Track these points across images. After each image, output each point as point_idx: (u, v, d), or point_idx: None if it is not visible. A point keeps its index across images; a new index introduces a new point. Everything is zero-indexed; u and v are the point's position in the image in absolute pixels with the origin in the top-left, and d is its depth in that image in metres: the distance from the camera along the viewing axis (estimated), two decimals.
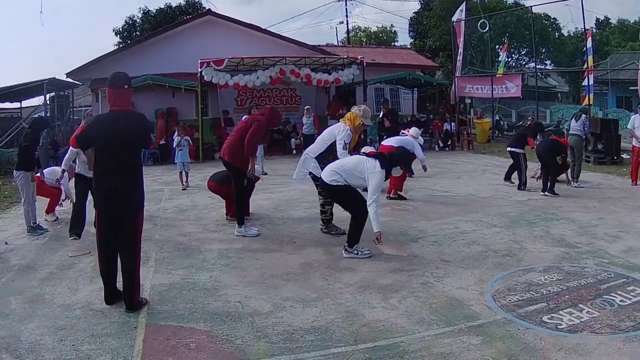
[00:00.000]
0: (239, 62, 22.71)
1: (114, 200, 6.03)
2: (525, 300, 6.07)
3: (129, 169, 6.08)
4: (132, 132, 6.01)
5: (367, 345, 4.99)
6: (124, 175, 6.02)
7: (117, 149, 5.97)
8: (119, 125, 5.94)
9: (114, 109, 6.08)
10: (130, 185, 6.07)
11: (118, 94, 6.04)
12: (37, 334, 5.46)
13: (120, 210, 6.07)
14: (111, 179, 5.97)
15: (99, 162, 6.15)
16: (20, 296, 6.63)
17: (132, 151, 6.14)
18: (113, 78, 6.14)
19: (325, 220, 9.34)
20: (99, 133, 6.07)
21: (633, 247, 8.27)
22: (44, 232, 10.08)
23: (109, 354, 4.98)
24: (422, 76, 30.41)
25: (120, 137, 5.93)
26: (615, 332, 5.20)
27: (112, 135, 5.93)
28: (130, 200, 6.06)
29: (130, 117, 6.14)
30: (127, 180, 6.04)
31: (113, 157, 6.01)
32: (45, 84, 23.82)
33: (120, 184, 5.98)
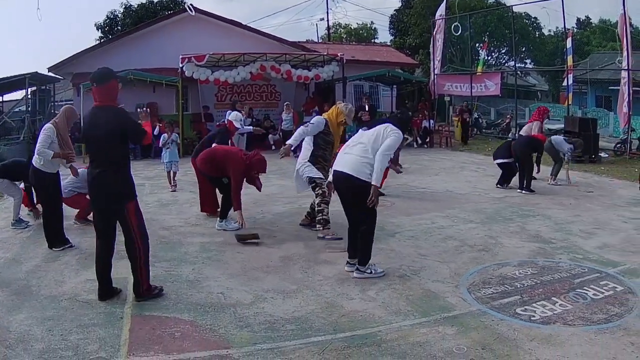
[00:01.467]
0: (219, 57, 22.73)
1: (97, 192, 6.20)
2: (500, 293, 6.27)
3: (109, 162, 6.12)
4: (109, 126, 6.02)
5: (346, 334, 5.17)
6: (104, 169, 6.10)
7: (96, 143, 6.15)
8: (98, 120, 6.07)
9: (96, 104, 6.17)
10: (111, 178, 6.11)
11: (99, 89, 6.09)
12: (25, 324, 5.57)
13: (104, 203, 6.21)
14: (94, 172, 6.12)
15: (89, 156, 6.40)
16: (7, 288, 6.72)
17: (111, 145, 6.11)
18: (94, 74, 6.19)
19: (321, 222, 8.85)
20: (84, 127, 6.47)
21: (607, 243, 8.50)
22: (26, 225, 10.13)
23: (97, 343, 5.11)
24: (402, 73, 30.53)
25: (99, 132, 6.03)
26: (588, 324, 5.41)
27: (92, 130, 6.12)
28: (111, 193, 6.13)
29: (109, 111, 6.14)
30: (108, 173, 6.10)
31: (94, 150, 6.25)
32: (27, 79, 23.62)
33: (100, 177, 6.09)
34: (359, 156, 6.87)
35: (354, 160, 6.89)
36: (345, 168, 6.91)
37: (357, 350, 4.87)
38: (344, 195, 7.19)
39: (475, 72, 29.58)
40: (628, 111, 21.09)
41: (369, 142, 6.94)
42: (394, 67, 31.42)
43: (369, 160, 6.79)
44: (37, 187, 9.03)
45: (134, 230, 6.27)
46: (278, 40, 29.49)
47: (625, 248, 8.19)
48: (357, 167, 6.79)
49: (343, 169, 6.94)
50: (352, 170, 6.81)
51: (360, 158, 6.84)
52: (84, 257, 7.94)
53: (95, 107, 6.17)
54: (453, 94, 30.75)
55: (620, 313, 5.67)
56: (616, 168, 17.86)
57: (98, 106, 6.15)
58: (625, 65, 21.31)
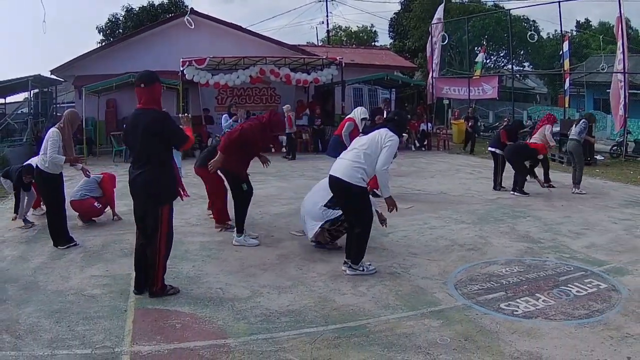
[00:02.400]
0: (220, 61, 23.13)
1: (135, 191, 6.37)
2: (485, 289, 6.55)
3: (148, 164, 6.23)
4: (150, 129, 6.13)
5: (337, 326, 5.46)
6: (143, 169, 6.23)
7: (136, 144, 6.28)
8: (139, 123, 6.20)
9: (140, 107, 6.31)
10: (149, 178, 6.24)
11: (145, 90, 6.23)
12: (34, 317, 5.83)
13: (141, 201, 6.37)
14: (134, 173, 6.29)
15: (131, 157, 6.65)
16: (15, 283, 6.99)
17: (151, 147, 6.21)
18: (141, 75, 6.40)
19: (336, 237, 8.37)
20: (126, 129, 6.76)
21: (595, 243, 8.75)
22: (30, 225, 10.26)
23: (102, 333, 5.39)
24: (400, 77, 30.79)
25: (139, 134, 6.16)
26: (569, 318, 5.67)
27: (133, 132, 6.27)
28: (148, 192, 6.27)
29: (151, 114, 6.24)
30: (146, 173, 6.23)
31: (133, 151, 6.45)
32: (30, 81, 23.90)
33: (139, 177, 6.24)
34: (352, 161, 7.06)
35: (346, 165, 7.09)
36: (338, 173, 7.09)
37: (346, 341, 5.16)
38: (338, 198, 7.46)
39: (473, 75, 29.78)
40: (624, 114, 21.30)
41: (362, 147, 7.14)
42: (393, 71, 31.71)
43: (361, 164, 6.98)
44: (42, 188, 9.11)
45: (161, 233, 6.39)
46: (277, 43, 29.79)
47: (612, 248, 8.45)
48: (349, 172, 6.98)
49: (336, 173, 7.13)
50: (343, 175, 6.99)
51: (352, 163, 7.03)
52: (89, 255, 8.27)
53: (139, 110, 6.33)
54: (451, 98, 30.94)
55: (601, 309, 5.92)
56: (611, 170, 18.17)
57: (141, 109, 6.29)
58: (622, 68, 21.53)
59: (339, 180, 7.04)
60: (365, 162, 7.00)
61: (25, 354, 4.98)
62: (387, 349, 4.99)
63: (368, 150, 7.05)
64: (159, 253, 6.40)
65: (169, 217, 6.48)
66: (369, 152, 7.04)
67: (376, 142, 7.09)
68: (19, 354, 4.98)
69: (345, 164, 7.12)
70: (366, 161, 7.00)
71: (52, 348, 5.08)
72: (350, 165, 7.03)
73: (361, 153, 7.06)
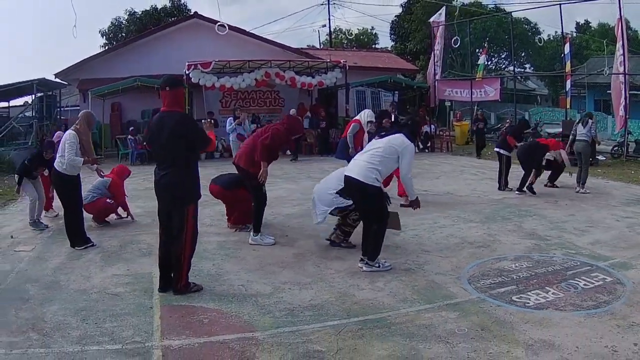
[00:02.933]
0: (225, 64, 23.29)
1: (160, 193, 6.54)
2: (497, 283, 6.81)
3: (173, 166, 6.39)
4: (175, 131, 6.28)
5: (359, 318, 5.70)
6: (168, 170, 6.39)
7: (161, 146, 6.42)
8: (164, 125, 6.34)
9: (163, 110, 6.48)
10: (174, 180, 6.40)
11: (170, 93, 6.41)
12: (59, 315, 5.99)
13: (166, 201, 6.54)
14: (159, 174, 6.46)
15: (155, 159, 6.78)
16: (36, 283, 7.14)
17: (175, 149, 6.36)
18: (167, 79, 6.59)
19: (347, 233, 8.65)
20: (149, 131, 6.74)
21: (600, 239, 9.00)
22: (44, 228, 10.38)
23: (131, 329, 5.58)
24: (403, 79, 30.96)
25: (164, 136, 6.31)
26: (578, 309, 5.93)
27: (158, 134, 6.41)
28: (174, 193, 6.43)
29: (175, 117, 6.41)
30: (171, 174, 6.39)
31: (159, 154, 6.55)
32: (35, 84, 24.18)
33: (164, 178, 6.41)
34: (367, 162, 7.34)
35: (361, 165, 7.35)
36: (353, 173, 7.36)
37: (369, 332, 5.41)
38: (354, 197, 7.75)
39: (475, 77, 29.95)
40: (625, 114, 21.50)
41: (378, 150, 7.40)
42: (395, 73, 31.97)
43: (376, 166, 7.26)
44: (59, 189, 9.17)
45: (187, 232, 6.54)
46: (281, 47, 29.99)
47: (616, 244, 8.69)
48: (364, 172, 7.24)
49: (351, 173, 7.39)
50: (359, 175, 7.25)
51: (367, 164, 7.30)
52: (107, 255, 8.45)
53: (163, 112, 6.47)
54: (453, 100, 31.11)
55: (608, 300, 6.18)
56: (612, 170, 18.39)
57: (166, 111, 6.45)
58: (622, 69, 21.74)
59: (355, 180, 7.28)
60: (380, 164, 7.28)
61: (55, 351, 5.12)
62: (409, 338, 5.24)
63: (384, 153, 7.31)
64: (185, 252, 6.54)
65: (194, 216, 6.62)
66: (385, 155, 7.31)
67: (392, 147, 7.34)
68: (48, 351, 5.13)
69: (360, 164, 7.38)
70: (380, 163, 7.28)
71: (82, 344, 5.23)
72: (365, 166, 7.29)
73: (376, 155, 7.33)
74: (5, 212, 12.61)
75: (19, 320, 5.91)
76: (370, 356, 4.90)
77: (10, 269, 7.85)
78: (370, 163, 7.30)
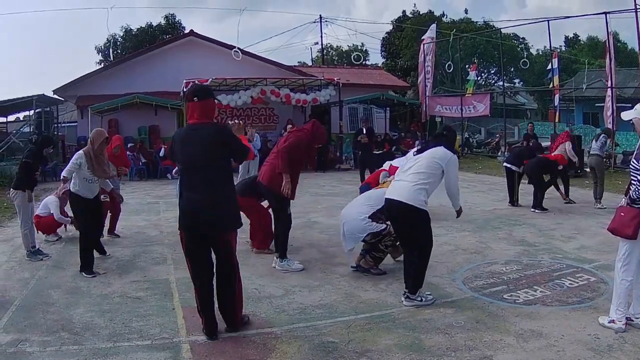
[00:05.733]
0: (221, 82, 23.73)
1: (199, 221, 5.61)
2: (489, 284, 7.48)
3: (213, 185, 5.61)
4: (213, 144, 5.60)
5: (366, 315, 6.31)
6: (209, 193, 5.59)
7: (195, 164, 5.63)
8: (196, 139, 5.62)
9: (192, 122, 5.72)
10: (218, 203, 5.62)
11: (200, 105, 5.69)
12: (86, 316, 6.45)
13: (208, 230, 5.66)
14: (194, 197, 5.62)
15: (182, 179, 5.85)
16: (58, 289, 7.57)
17: (215, 165, 5.64)
18: (196, 89, 5.99)
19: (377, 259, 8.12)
20: (177, 148, 5.82)
21: (585, 245, 9.69)
22: (45, 257, 9.43)
23: (157, 328, 6.09)
24: (395, 96, 31.60)
25: (199, 151, 5.58)
26: (563, 304, 6.59)
27: (190, 150, 5.64)
28: (215, 220, 5.61)
29: (209, 128, 5.72)
30: (213, 197, 5.59)
31: (193, 173, 5.68)
32: (35, 100, 24.66)
33: (205, 202, 5.58)
34: (412, 182, 6.68)
35: (406, 187, 6.71)
36: (399, 196, 6.70)
37: (376, 326, 6.02)
38: (398, 222, 7.00)
39: (465, 93, 30.54)
40: (612, 127, 22.10)
41: (420, 167, 6.76)
42: (387, 90, 32.38)
43: (423, 185, 6.63)
44: (75, 212, 8.94)
45: (235, 259, 5.92)
46: (275, 64, 30.41)
47: (601, 249, 9.33)
48: (411, 195, 6.59)
49: (397, 197, 6.74)
50: (406, 199, 6.61)
51: (413, 185, 6.65)
52: (122, 264, 8.91)
53: (194, 125, 5.71)
54: (443, 116, 31.67)
55: (592, 297, 6.85)
56: None
57: (196, 124, 5.70)
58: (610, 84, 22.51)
59: (401, 204, 6.65)
60: (427, 184, 6.67)
61: (88, 347, 5.57)
62: (412, 330, 5.86)
63: (428, 170, 6.70)
64: (239, 282, 6.00)
65: (235, 239, 5.96)
66: (430, 172, 6.70)
67: (435, 162, 6.73)
68: (82, 347, 5.57)
69: (404, 186, 6.74)
70: (427, 182, 6.67)
71: (113, 341, 5.71)
72: (411, 187, 6.66)
73: (421, 173, 6.71)
74: (15, 224, 12.94)
75: (47, 321, 6.32)
76: (378, 345, 5.50)
77: (30, 277, 8.22)
78: (417, 183, 6.65)
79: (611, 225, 5.88)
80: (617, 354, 5.19)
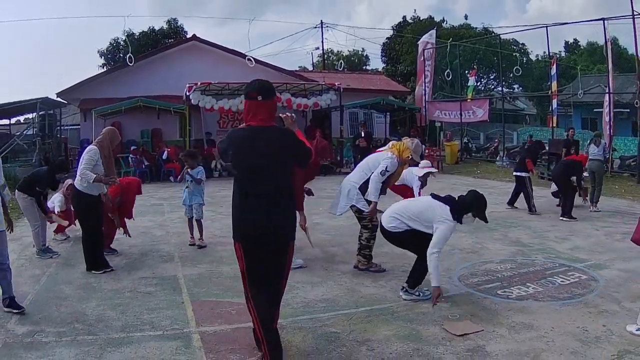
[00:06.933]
0: (224, 86, 23.97)
1: (263, 229, 5.01)
2: (484, 281, 7.84)
3: (280, 193, 5.09)
4: (286, 146, 5.16)
5: (366, 308, 6.66)
6: (280, 201, 5.08)
7: (261, 169, 5.02)
8: (262, 142, 4.99)
9: (254, 124, 5.07)
10: (288, 212, 5.21)
11: (264, 104, 5.07)
12: (99, 310, 6.74)
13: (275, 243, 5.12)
14: (259, 209, 4.99)
15: (238, 186, 5.16)
16: (70, 285, 7.85)
17: (283, 171, 5.14)
18: (260, 85, 5.18)
19: (367, 256, 8.36)
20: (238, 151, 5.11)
21: (578, 245, 10.08)
22: (55, 255, 9.62)
23: (168, 319, 6.41)
24: (395, 101, 31.81)
25: (266, 156, 5.00)
26: (555, 300, 6.97)
27: (254, 154, 5.00)
28: (278, 232, 5.08)
29: (275, 131, 5.17)
30: (284, 206, 5.12)
31: (257, 179, 5.04)
32: (39, 103, 24.85)
33: (275, 214, 5.03)
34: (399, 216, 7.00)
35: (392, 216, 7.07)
36: (385, 222, 7.11)
37: (376, 318, 6.38)
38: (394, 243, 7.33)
39: (466, 98, 30.85)
40: (609, 132, 22.43)
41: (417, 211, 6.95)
42: (387, 95, 32.79)
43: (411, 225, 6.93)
44: (78, 209, 8.94)
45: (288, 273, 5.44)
46: (277, 69, 30.63)
47: (593, 249, 9.74)
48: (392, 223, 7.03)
49: (383, 223, 7.14)
50: (387, 225, 7.07)
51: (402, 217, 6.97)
52: (131, 262, 9.21)
53: (258, 127, 5.07)
54: (443, 121, 31.97)
55: (582, 293, 7.21)
56: None
57: (261, 126, 5.07)
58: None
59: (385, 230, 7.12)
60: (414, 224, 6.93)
61: (103, 337, 5.88)
62: (410, 322, 6.22)
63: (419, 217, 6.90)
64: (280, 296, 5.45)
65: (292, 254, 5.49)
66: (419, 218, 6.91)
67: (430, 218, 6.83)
68: (96, 337, 5.88)
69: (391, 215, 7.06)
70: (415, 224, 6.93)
71: (126, 332, 6.02)
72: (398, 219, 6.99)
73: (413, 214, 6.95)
74: (22, 223, 13.15)
75: (61, 314, 6.61)
76: (378, 335, 5.85)
77: (40, 273, 8.51)
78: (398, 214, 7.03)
79: (635, 235, 6.18)
80: (604, 344, 5.53)
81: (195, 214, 10.44)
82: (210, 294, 7.39)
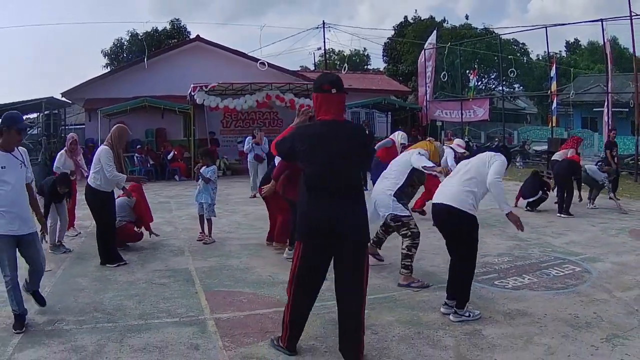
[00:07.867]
0: (227, 86, 24.20)
1: (346, 232, 4.87)
2: (482, 272, 8.17)
3: (355, 191, 4.99)
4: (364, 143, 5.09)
5: (370, 296, 6.74)
6: (355, 200, 4.96)
7: (335, 165, 4.85)
8: (337, 137, 4.90)
9: (329, 118, 4.95)
10: (363, 212, 5.05)
11: (329, 99, 4.94)
12: (116, 300, 7.07)
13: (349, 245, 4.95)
14: (334, 206, 4.85)
15: (308, 182, 4.99)
16: (86, 277, 8.16)
17: (356, 167, 5.03)
18: (332, 78, 5.14)
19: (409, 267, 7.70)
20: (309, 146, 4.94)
21: (574, 240, 10.48)
22: (68, 251, 9.86)
23: (183, 308, 6.76)
24: (397, 101, 32.22)
25: (342, 151, 4.86)
26: (548, 290, 7.38)
27: (328, 150, 4.86)
28: (351, 232, 4.90)
29: (349, 127, 5.12)
30: (359, 205, 5.00)
31: (330, 176, 4.88)
32: (44, 103, 25.36)
33: (351, 211, 4.91)
34: (460, 185, 6.43)
35: (454, 190, 6.44)
36: (446, 199, 6.42)
37: (379, 305, 6.77)
38: (445, 229, 6.72)
39: (468, 98, 31.23)
40: (608, 132, 22.72)
41: (470, 170, 6.58)
42: (388, 94, 33.17)
43: (471, 188, 6.38)
44: (92, 205, 8.95)
45: (365, 278, 5.19)
46: (280, 69, 30.88)
47: (588, 244, 10.15)
48: (459, 197, 6.34)
49: (443, 200, 6.45)
50: (452, 201, 6.34)
51: (461, 187, 6.41)
52: (144, 256, 9.54)
53: (333, 122, 4.95)
54: (443, 120, 32.39)
55: (575, 284, 7.62)
56: None
57: (334, 121, 4.97)
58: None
59: (449, 208, 6.36)
60: (475, 185, 6.41)
61: (122, 325, 6.20)
62: (411, 309, 6.63)
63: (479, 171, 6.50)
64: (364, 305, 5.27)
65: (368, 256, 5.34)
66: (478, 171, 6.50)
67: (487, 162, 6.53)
68: (116, 325, 6.19)
69: (453, 189, 6.46)
70: (475, 184, 6.42)
71: (144, 319, 6.36)
72: (460, 190, 6.41)
73: (470, 176, 6.50)
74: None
75: (79, 304, 6.92)
76: (381, 320, 6.26)
77: (55, 267, 8.71)
78: (465, 187, 6.40)
79: None
80: (594, 329, 5.91)
81: (205, 212, 10.61)
82: (222, 285, 7.75)
